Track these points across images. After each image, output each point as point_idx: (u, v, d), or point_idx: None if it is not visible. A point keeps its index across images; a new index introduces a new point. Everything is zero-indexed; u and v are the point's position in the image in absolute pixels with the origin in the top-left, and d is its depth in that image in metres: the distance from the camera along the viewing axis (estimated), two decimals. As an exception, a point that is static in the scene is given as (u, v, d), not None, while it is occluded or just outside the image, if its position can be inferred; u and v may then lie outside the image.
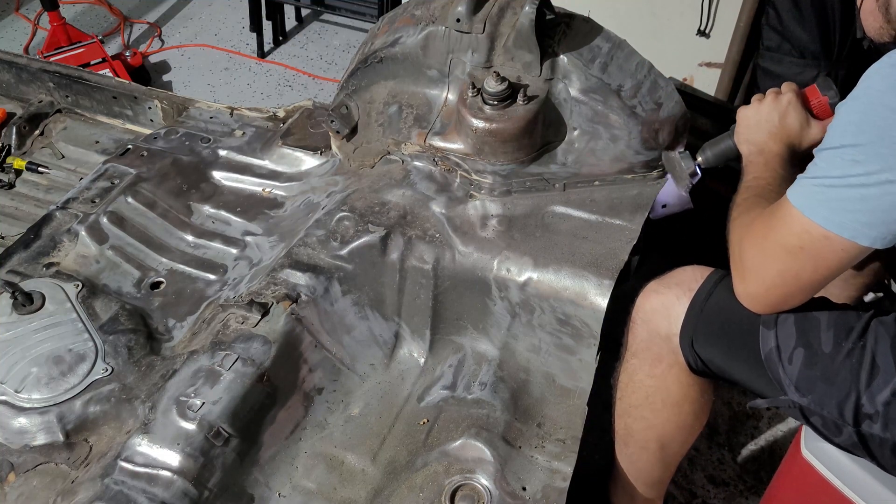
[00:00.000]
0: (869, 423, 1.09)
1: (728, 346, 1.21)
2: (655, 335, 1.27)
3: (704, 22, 2.29)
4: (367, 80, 1.60)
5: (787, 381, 1.15)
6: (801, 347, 1.14)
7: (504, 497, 1.24)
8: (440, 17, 1.50)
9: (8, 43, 3.44)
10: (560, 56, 1.45)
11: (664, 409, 1.32)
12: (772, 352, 1.16)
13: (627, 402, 1.36)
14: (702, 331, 1.22)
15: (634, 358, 1.32)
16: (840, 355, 1.11)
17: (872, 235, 0.99)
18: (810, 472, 1.32)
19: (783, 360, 1.15)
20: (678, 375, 1.28)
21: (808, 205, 1.02)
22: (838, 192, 0.99)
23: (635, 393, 1.34)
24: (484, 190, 1.50)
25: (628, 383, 1.34)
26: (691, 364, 1.26)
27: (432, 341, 1.50)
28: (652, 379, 1.31)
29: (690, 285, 1.25)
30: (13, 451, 1.32)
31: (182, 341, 1.48)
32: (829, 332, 1.13)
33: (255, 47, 3.39)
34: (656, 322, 1.27)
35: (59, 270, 1.58)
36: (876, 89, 0.98)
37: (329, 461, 1.34)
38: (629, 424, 1.38)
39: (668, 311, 1.25)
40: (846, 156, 0.98)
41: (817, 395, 1.12)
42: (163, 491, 1.18)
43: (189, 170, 1.80)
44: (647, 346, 1.29)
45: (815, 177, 1.03)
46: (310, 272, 1.45)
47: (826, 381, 1.12)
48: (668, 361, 1.28)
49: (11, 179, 2.02)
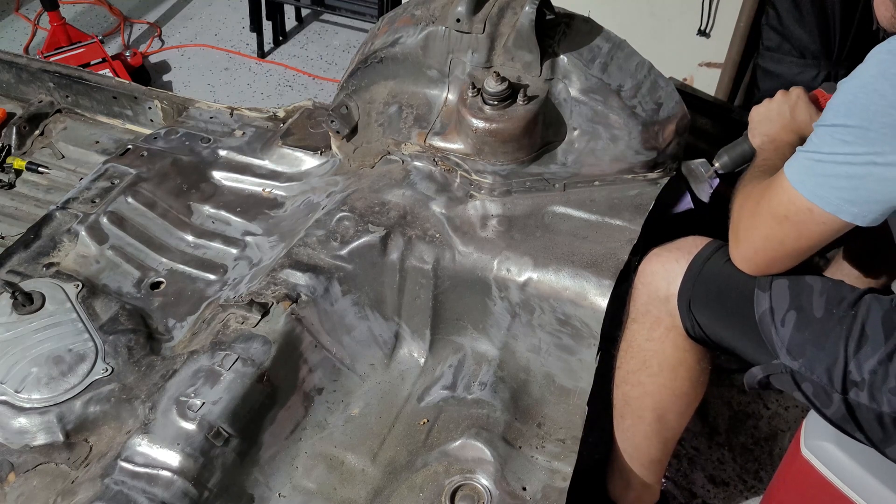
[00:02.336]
0: (856, 390, 1.12)
1: (724, 309, 1.24)
2: (654, 297, 1.29)
3: (704, 22, 2.29)
4: (367, 80, 1.60)
5: (779, 343, 1.17)
6: (793, 310, 1.17)
7: (504, 497, 1.24)
8: (440, 17, 1.50)
9: (8, 43, 3.44)
10: (560, 56, 1.45)
11: (660, 373, 1.33)
12: (765, 313, 1.18)
13: (625, 370, 1.37)
14: (699, 293, 1.24)
15: (634, 323, 1.34)
16: (831, 321, 1.14)
17: (853, 212, 1.04)
18: (810, 471, 1.32)
19: (776, 321, 1.17)
20: (675, 339, 1.30)
21: (797, 177, 1.07)
22: (825, 167, 1.04)
23: (633, 358, 1.35)
24: (484, 190, 1.50)
25: (627, 349, 1.36)
26: (689, 329, 1.28)
27: (432, 341, 1.50)
28: (650, 342, 1.32)
29: (690, 249, 1.28)
30: (13, 451, 1.32)
31: (182, 341, 1.48)
32: (822, 297, 1.17)
33: (255, 47, 3.39)
34: (656, 284, 1.29)
35: (59, 270, 1.58)
36: (870, 73, 1.01)
37: (329, 461, 1.34)
38: (626, 392, 1.39)
39: (668, 273, 1.28)
40: (836, 134, 1.03)
41: (807, 359, 1.15)
42: (163, 491, 1.18)
43: (189, 170, 1.80)
44: (646, 308, 1.31)
45: (807, 150, 1.08)
46: (310, 272, 1.45)
47: (816, 346, 1.14)
48: (665, 324, 1.30)
49: (11, 179, 2.02)
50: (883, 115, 0.98)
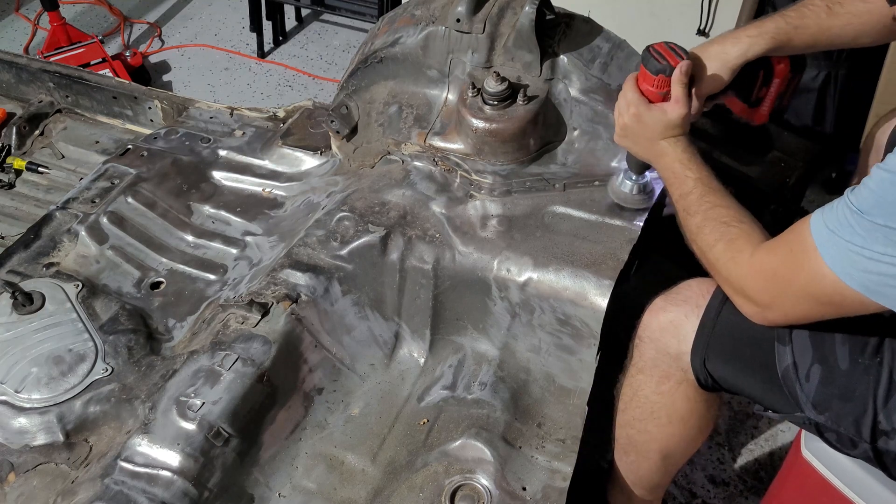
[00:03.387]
0: (885, 439, 1.09)
1: (742, 363, 1.20)
2: (664, 354, 1.26)
3: (704, 22, 2.29)
4: (367, 80, 1.60)
5: (804, 398, 1.14)
6: (817, 364, 1.13)
7: (504, 497, 1.24)
8: (440, 17, 1.50)
9: (8, 43, 3.44)
10: (560, 56, 1.45)
11: (670, 424, 1.31)
12: (788, 369, 1.14)
13: (630, 415, 1.35)
14: (714, 349, 1.20)
15: (641, 374, 1.31)
16: (857, 372, 1.10)
17: None
18: (811, 472, 1.32)
19: (800, 377, 1.13)
20: (686, 391, 1.27)
21: (846, 272, 0.99)
22: (880, 266, 0.96)
23: (640, 407, 1.33)
24: (484, 190, 1.50)
25: (633, 397, 1.33)
26: (701, 381, 1.25)
27: (432, 341, 1.50)
28: (659, 395, 1.29)
29: (698, 301, 1.23)
30: (13, 451, 1.32)
31: (182, 341, 1.48)
32: (845, 346, 1.13)
33: (255, 47, 3.38)
34: (665, 341, 1.25)
35: (59, 270, 1.58)
36: None
37: (329, 461, 1.34)
38: (631, 436, 1.37)
39: (678, 330, 1.23)
40: (892, 235, 0.94)
41: (834, 412, 1.12)
42: (163, 491, 1.18)
43: (189, 170, 1.80)
44: (654, 363, 1.28)
45: (853, 243, 0.97)
46: (310, 272, 1.45)
47: (843, 399, 1.11)
48: (676, 378, 1.27)
49: (11, 179, 2.02)
50: None
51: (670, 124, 1.24)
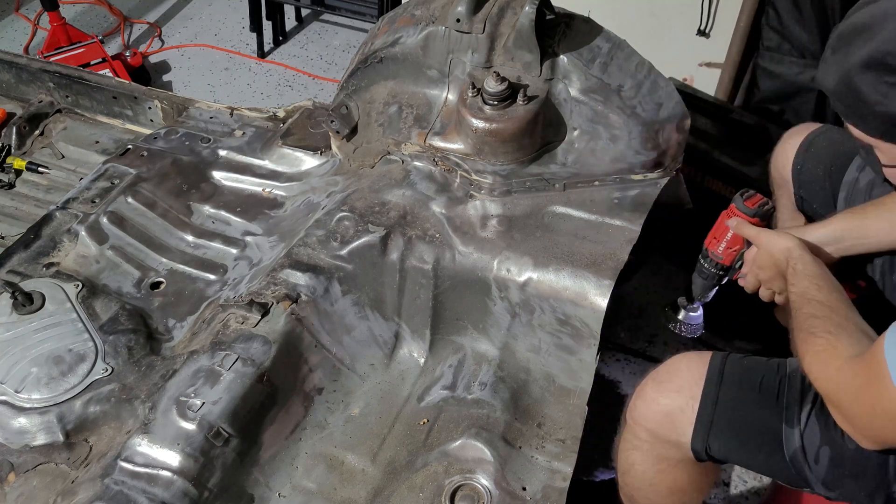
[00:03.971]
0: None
1: (747, 447, 1.18)
2: (661, 440, 1.24)
3: (704, 22, 2.29)
4: (367, 80, 1.60)
5: (813, 479, 1.13)
6: (826, 445, 1.12)
7: (504, 497, 1.24)
8: (440, 17, 1.50)
9: (8, 43, 3.44)
10: (560, 56, 1.45)
11: (670, 495, 1.30)
12: (797, 452, 1.14)
13: (630, 482, 1.34)
14: (717, 436, 1.18)
15: (637, 452, 1.29)
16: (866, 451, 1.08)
17: None
18: (810, 472, 1.31)
19: (809, 460, 1.13)
20: (686, 467, 1.26)
21: None
22: None
23: (637, 478, 1.32)
24: (484, 190, 1.50)
25: (630, 468, 1.32)
26: (700, 458, 1.23)
27: (432, 341, 1.50)
28: (657, 473, 1.28)
29: (693, 391, 1.20)
30: (13, 451, 1.32)
31: (182, 341, 1.48)
32: None
33: (255, 47, 3.38)
34: (662, 432, 1.23)
35: (59, 270, 1.58)
36: None
37: (329, 461, 1.34)
38: (633, 496, 1.36)
39: (674, 423, 1.21)
40: None
41: (846, 489, 1.12)
42: (163, 491, 1.18)
43: (189, 170, 1.80)
44: (650, 446, 1.26)
45: None
46: (310, 272, 1.45)
47: (854, 477, 1.10)
48: (675, 458, 1.25)
49: (11, 179, 2.02)
50: None
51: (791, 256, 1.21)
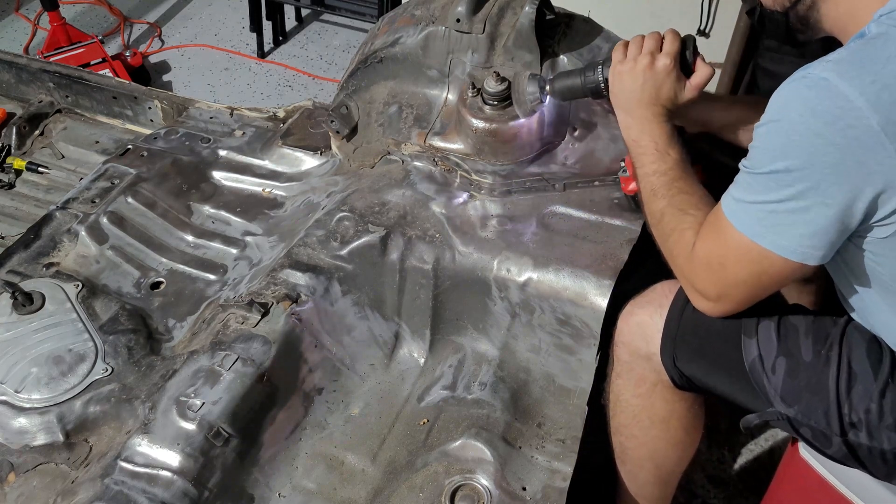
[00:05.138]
0: (854, 431, 1.10)
1: (710, 360, 1.21)
2: (636, 356, 1.27)
3: (704, 22, 2.29)
4: (367, 80, 1.60)
5: (772, 391, 1.15)
6: (782, 356, 1.14)
7: (504, 497, 1.24)
8: (440, 17, 1.50)
9: (8, 43, 3.44)
10: (560, 56, 1.45)
11: (652, 426, 1.32)
12: (755, 361, 1.16)
13: (617, 422, 1.36)
14: (682, 348, 1.21)
15: (619, 378, 1.32)
16: (819, 363, 1.12)
17: (819, 255, 1.01)
18: (808, 471, 1.32)
19: (766, 369, 1.15)
20: (662, 393, 1.28)
21: (757, 233, 1.02)
22: (781, 217, 1.00)
23: (623, 413, 1.34)
24: (484, 190, 1.50)
25: (616, 403, 1.35)
26: (676, 381, 1.25)
27: (432, 341, 1.50)
28: (637, 398, 1.31)
29: (662, 301, 1.24)
30: (13, 451, 1.32)
31: (182, 341, 1.48)
32: (808, 339, 1.14)
33: (255, 47, 3.39)
34: (636, 343, 1.26)
35: (59, 270, 1.58)
36: (796, 112, 0.96)
37: (329, 461, 1.34)
38: (622, 443, 1.38)
39: (645, 331, 1.25)
40: (781, 180, 0.98)
41: (803, 405, 1.13)
42: (163, 491, 1.18)
43: (189, 170, 1.80)
44: (629, 367, 1.29)
45: (755, 202, 1.02)
46: (310, 272, 1.45)
47: (810, 391, 1.12)
48: (651, 380, 1.28)
49: (11, 179, 2.02)
50: (823, 155, 0.95)
51: (676, 100, 1.24)
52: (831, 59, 0.97)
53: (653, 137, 1.23)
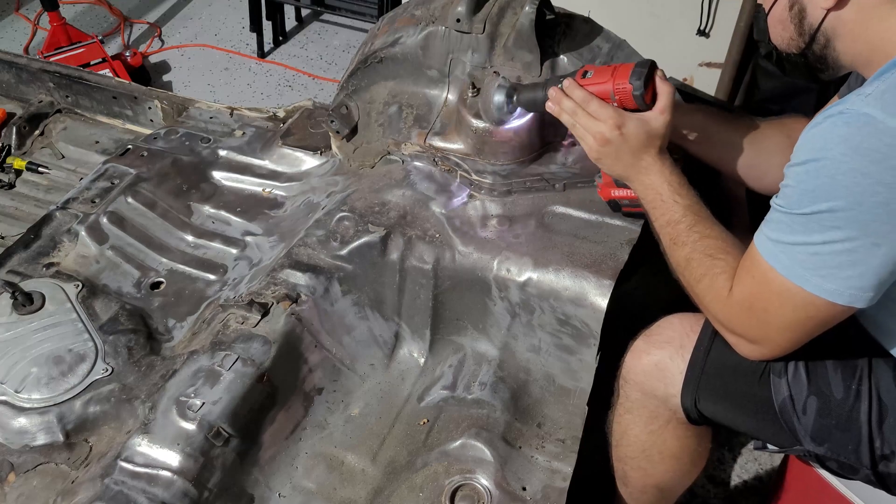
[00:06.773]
0: (885, 462, 1.09)
1: (735, 400, 1.18)
2: (651, 396, 1.25)
3: (704, 22, 2.29)
4: (367, 81, 1.60)
5: (802, 431, 1.13)
6: (813, 396, 1.12)
7: (504, 497, 1.24)
8: (440, 17, 1.50)
9: (8, 43, 3.44)
10: (560, 56, 1.45)
11: (662, 462, 1.30)
12: (785, 401, 1.14)
13: (623, 452, 1.34)
14: (706, 389, 1.18)
15: (629, 414, 1.30)
16: (849, 399, 1.10)
17: (868, 297, 0.98)
18: (809, 471, 1.32)
19: (797, 410, 1.13)
20: (676, 430, 1.26)
21: (800, 276, 0.99)
22: (825, 259, 0.97)
23: (630, 446, 1.32)
24: (484, 190, 1.50)
25: (623, 436, 1.32)
26: (691, 418, 1.23)
27: (432, 341, 1.50)
28: (648, 435, 1.28)
29: (683, 342, 1.21)
30: (13, 451, 1.32)
31: (182, 341, 1.48)
32: (837, 374, 1.12)
33: (255, 47, 3.39)
34: (651, 385, 1.24)
35: (59, 270, 1.58)
36: (838, 151, 0.92)
37: (329, 461, 1.34)
38: (626, 471, 1.37)
39: (664, 374, 1.22)
40: (825, 221, 0.95)
41: (833, 442, 1.11)
42: (163, 491, 1.18)
43: (189, 170, 1.80)
44: (641, 405, 1.27)
45: (795, 243, 0.99)
46: (310, 272, 1.45)
47: (841, 429, 1.10)
48: (664, 417, 1.25)
49: (11, 179, 2.02)
50: (872, 195, 0.91)
51: (654, 134, 1.19)
52: (869, 92, 0.93)
53: (655, 189, 1.20)
